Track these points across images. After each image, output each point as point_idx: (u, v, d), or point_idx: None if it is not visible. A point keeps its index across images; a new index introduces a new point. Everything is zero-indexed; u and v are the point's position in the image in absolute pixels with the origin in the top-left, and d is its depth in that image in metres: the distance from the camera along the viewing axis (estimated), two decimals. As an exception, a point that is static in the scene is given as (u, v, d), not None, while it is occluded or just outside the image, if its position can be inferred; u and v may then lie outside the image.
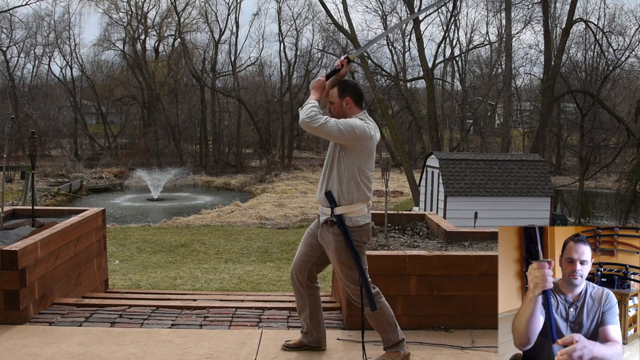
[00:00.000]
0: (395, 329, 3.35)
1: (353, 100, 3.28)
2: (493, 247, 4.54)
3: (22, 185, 20.58)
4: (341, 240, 3.23)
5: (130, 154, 35.77)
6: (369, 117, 3.31)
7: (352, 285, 3.31)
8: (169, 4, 36.12)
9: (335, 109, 3.29)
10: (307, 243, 3.48)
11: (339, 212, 3.21)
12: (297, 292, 3.50)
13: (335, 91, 3.29)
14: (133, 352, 3.47)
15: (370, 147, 3.24)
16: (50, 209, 5.92)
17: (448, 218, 12.88)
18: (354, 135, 3.14)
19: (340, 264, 3.28)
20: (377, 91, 23.21)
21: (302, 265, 3.47)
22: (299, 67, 38.31)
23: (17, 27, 36.03)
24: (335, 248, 3.26)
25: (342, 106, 3.27)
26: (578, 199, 21.68)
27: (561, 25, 26.86)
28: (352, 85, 3.34)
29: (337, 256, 3.28)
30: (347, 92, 3.27)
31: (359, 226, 3.25)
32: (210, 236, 13.66)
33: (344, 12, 22.53)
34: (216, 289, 7.61)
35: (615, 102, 31.61)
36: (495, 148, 29.41)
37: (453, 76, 37.41)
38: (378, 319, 3.32)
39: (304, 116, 3.14)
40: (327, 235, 3.29)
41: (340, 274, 3.33)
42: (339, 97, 3.27)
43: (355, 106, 3.29)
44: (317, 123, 3.11)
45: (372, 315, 3.31)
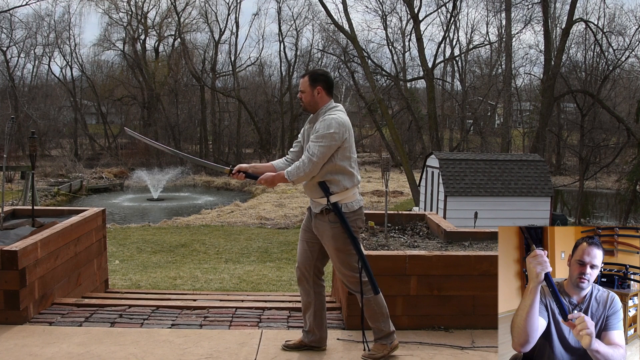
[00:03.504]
0: (387, 319, 3.40)
1: (324, 89, 3.35)
2: (493, 247, 4.54)
3: (22, 185, 20.57)
4: (338, 227, 3.30)
5: (130, 154, 35.75)
6: (338, 105, 3.37)
7: (350, 272, 3.36)
8: (169, 4, 36.15)
9: (307, 98, 3.36)
10: (304, 239, 3.53)
11: (335, 200, 3.28)
12: (304, 290, 3.52)
13: (306, 80, 3.35)
14: (133, 352, 3.47)
15: (351, 133, 3.33)
16: (50, 209, 5.92)
17: (448, 218, 12.87)
18: (339, 140, 3.23)
19: (338, 251, 3.33)
20: (377, 91, 23.20)
21: (307, 262, 3.50)
22: (299, 67, 38.26)
23: (17, 27, 36.06)
24: (332, 235, 3.31)
25: (314, 95, 3.34)
26: (578, 199, 21.67)
27: (561, 25, 26.89)
28: (322, 74, 3.41)
29: (334, 243, 3.33)
30: (319, 82, 3.34)
31: (354, 211, 3.33)
32: (210, 236, 13.66)
33: (344, 12, 22.51)
34: (216, 289, 7.61)
35: (615, 102, 31.59)
36: (495, 148, 29.40)
37: (453, 76, 37.40)
38: (373, 308, 3.35)
39: (298, 175, 3.26)
40: (323, 224, 3.34)
41: (337, 262, 3.37)
42: (310, 87, 3.34)
43: (326, 95, 3.36)
44: (307, 167, 3.23)
45: (367, 303, 3.34)
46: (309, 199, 3.47)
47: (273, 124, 37.22)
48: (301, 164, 3.26)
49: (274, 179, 3.39)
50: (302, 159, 3.27)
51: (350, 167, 3.32)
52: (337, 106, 3.36)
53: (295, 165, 3.30)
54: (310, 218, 3.48)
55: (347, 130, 3.28)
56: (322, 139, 3.21)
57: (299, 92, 3.43)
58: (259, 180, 3.41)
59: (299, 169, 3.26)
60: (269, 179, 3.39)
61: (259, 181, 3.40)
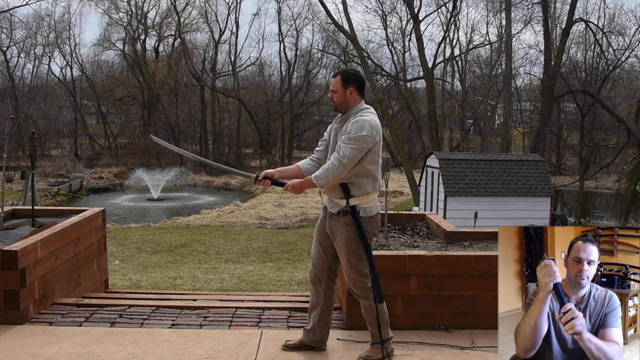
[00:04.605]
0: (387, 326, 3.38)
1: (357, 89, 3.27)
2: (493, 247, 4.54)
3: (22, 185, 20.56)
4: (352, 230, 3.22)
5: (130, 154, 35.76)
6: (369, 107, 3.29)
7: (357, 277, 3.30)
8: (169, 4, 36.14)
9: (338, 98, 3.27)
10: (319, 241, 3.47)
11: (354, 203, 3.20)
12: (315, 290, 3.50)
13: (338, 80, 3.26)
14: (133, 352, 3.47)
15: (381, 137, 3.26)
16: (50, 209, 5.92)
17: (448, 218, 12.87)
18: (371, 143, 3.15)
19: (349, 254, 3.27)
20: (377, 91, 23.20)
21: (321, 265, 3.46)
22: (299, 67, 38.30)
23: (17, 27, 36.05)
24: (346, 238, 3.25)
25: (346, 95, 3.26)
26: (578, 199, 21.67)
27: (561, 25, 26.89)
28: (354, 74, 3.32)
29: (347, 246, 3.26)
30: (351, 82, 3.26)
31: (371, 216, 3.27)
32: (210, 236, 13.66)
33: (344, 12, 22.50)
34: (216, 289, 7.60)
35: (615, 102, 31.59)
36: (495, 148, 29.40)
37: (453, 76, 37.40)
38: (374, 314, 3.32)
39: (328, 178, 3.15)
40: (338, 226, 3.28)
41: (347, 266, 3.31)
42: (343, 87, 3.26)
43: (358, 95, 3.28)
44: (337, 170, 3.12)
45: (368, 309, 3.31)
46: (327, 197, 3.36)
47: (273, 124, 37.22)
48: (330, 166, 3.14)
49: (302, 186, 3.25)
50: (331, 161, 3.16)
51: (376, 171, 3.23)
52: (369, 108, 3.28)
53: (323, 168, 3.18)
54: (325, 218, 3.40)
55: (379, 134, 3.19)
56: (355, 141, 3.11)
57: (329, 92, 3.32)
58: (285, 187, 3.27)
59: (328, 171, 3.15)
60: (297, 186, 3.25)
61: (286, 188, 3.27)
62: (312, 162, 3.44)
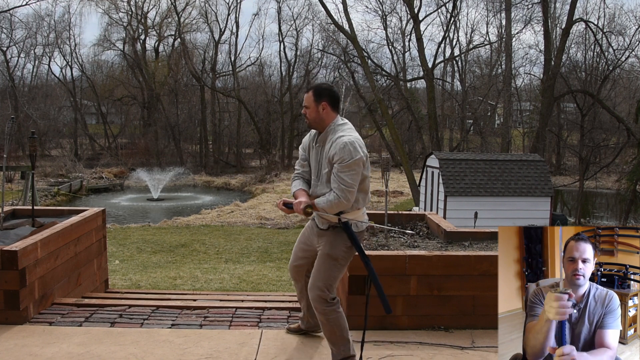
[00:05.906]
0: (348, 343, 3.22)
1: (329, 104, 3.16)
2: (493, 247, 4.54)
3: (22, 185, 20.56)
4: (342, 237, 3.16)
5: (130, 154, 35.77)
6: (346, 122, 3.21)
7: (322, 284, 3.15)
8: (169, 4, 36.14)
9: (311, 114, 3.18)
10: (301, 242, 3.48)
11: (347, 219, 3.13)
12: (296, 285, 3.64)
13: (310, 95, 3.17)
14: (133, 352, 3.47)
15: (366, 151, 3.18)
16: (50, 209, 5.92)
17: (448, 218, 12.87)
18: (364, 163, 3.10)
19: (330, 257, 3.17)
20: (377, 91, 23.20)
21: (300, 267, 3.53)
22: (299, 67, 38.29)
23: (17, 27, 36.05)
24: (332, 241, 3.17)
25: (319, 111, 3.16)
26: (578, 199, 21.68)
27: (561, 25, 26.87)
28: (327, 89, 3.21)
29: (330, 249, 3.17)
30: (323, 97, 3.15)
31: (361, 231, 3.22)
32: (210, 236, 13.66)
33: (344, 12, 22.53)
34: (216, 289, 7.61)
35: (615, 102, 31.60)
36: (495, 148, 29.40)
37: (453, 76, 37.40)
38: (332, 329, 3.18)
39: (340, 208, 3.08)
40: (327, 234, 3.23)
41: (322, 269, 3.18)
42: (315, 102, 3.16)
43: (332, 111, 3.17)
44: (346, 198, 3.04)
45: (325, 323, 3.18)
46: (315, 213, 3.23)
47: (273, 124, 37.21)
48: (334, 198, 3.04)
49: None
50: (334, 193, 3.04)
51: (367, 186, 3.20)
52: (347, 123, 3.19)
53: (331, 202, 3.06)
54: (311, 228, 3.35)
55: (364, 148, 3.12)
56: (352, 168, 3.02)
57: (303, 108, 3.23)
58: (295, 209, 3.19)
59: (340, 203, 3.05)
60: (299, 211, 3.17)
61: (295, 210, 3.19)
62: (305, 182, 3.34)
